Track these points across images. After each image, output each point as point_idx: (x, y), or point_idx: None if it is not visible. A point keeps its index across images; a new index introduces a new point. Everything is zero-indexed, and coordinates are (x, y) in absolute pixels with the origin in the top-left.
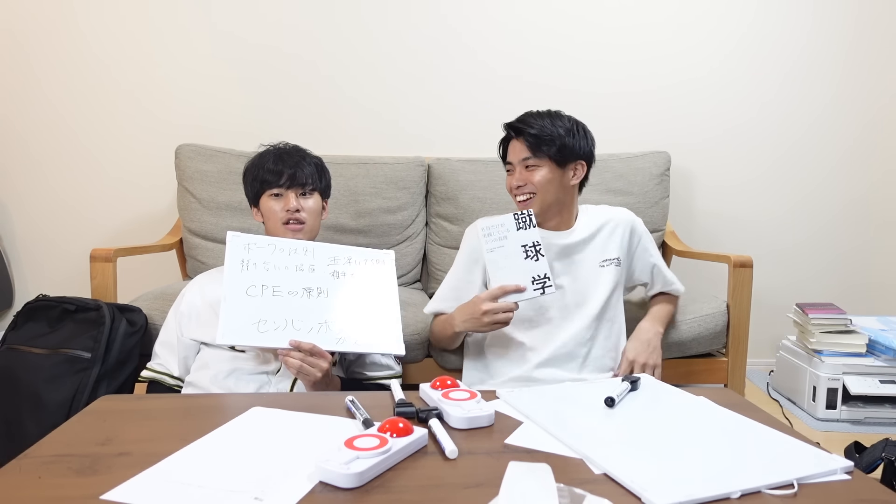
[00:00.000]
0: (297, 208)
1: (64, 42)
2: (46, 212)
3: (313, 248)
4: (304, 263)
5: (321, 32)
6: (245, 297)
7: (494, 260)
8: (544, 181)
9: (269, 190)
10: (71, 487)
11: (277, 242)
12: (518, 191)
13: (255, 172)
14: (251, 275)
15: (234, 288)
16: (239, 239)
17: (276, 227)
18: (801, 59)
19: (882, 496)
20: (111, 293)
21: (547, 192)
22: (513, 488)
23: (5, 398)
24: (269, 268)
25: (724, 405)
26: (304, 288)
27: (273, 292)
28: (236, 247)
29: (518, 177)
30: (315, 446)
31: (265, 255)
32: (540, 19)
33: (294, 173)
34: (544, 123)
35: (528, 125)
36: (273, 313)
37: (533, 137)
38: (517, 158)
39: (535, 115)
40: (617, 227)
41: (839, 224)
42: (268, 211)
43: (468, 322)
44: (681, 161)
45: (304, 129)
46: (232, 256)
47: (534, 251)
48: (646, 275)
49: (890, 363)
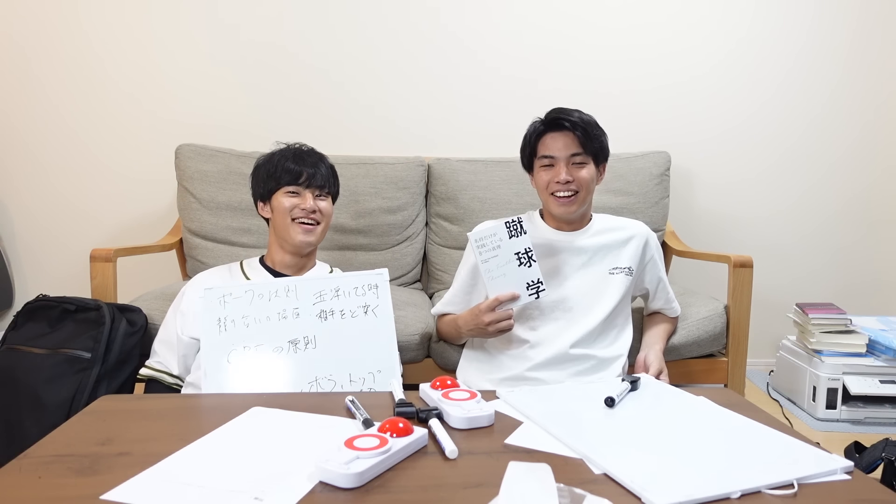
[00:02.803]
0: (314, 208)
1: (64, 42)
2: (47, 211)
3: (296, 286)
4: (288, 308)
5: (321, 33)
6: (226, 364)
7: (489, 270)
8: (590, 179)
9: (286, 187)
10: (71, 487)
11: (255, 288)
12: (564, 187)
13: (271, 169)
14: (230, 336)
15: (214, 355)
16: (213, 293)
17: (286, 223)
18: (800, 58)
19: (882, 496)
20: (111, 293)
21: (590, 191)
22: (513, 488)
23: (5, 398)
24: (250, 322)
25: (724, 405)
26: (290, 341)
27: (257, 353)
28: (211, 303)
29: (566, 172)
30: (315, 446)
31: (243, 308)
32: (540, 20)
33: (314, 173)
34: (588, 120)
35: (576, 120)
36: (258, 379)
37: (583, 132)
38: (565, 153)
39: (571, 109)
40: (633, 237)
41: (839, 223)
42: (280, 207)
43: (474, 331)
44: (681, 161)
45: (305, 129)
46: (207, 317)
47: (527, 258)
48: (652, 285)
49: (890, 363)
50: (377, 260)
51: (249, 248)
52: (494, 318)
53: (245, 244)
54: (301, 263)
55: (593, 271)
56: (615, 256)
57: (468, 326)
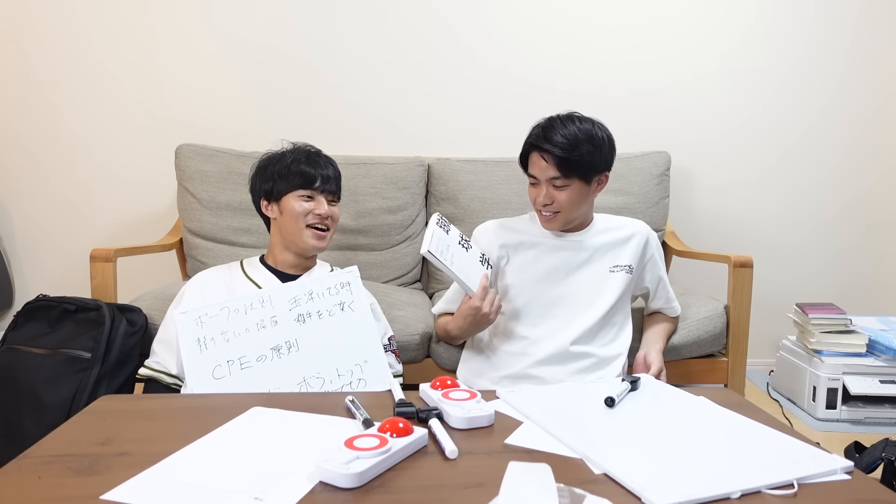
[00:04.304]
0: (328, 215)
1: (64, 42)
2: (46, 211)
3: (269, 296)
4: (265, 317)
5: (321, 33)
6: (212, 381)
7: (460, 269)
8: (570, 200)
9: (300, 191)
10: (71, 487)
11: (230, 304)
12: (544, 208)
13: (283, 170)
14: (212, 354)
15: (199, 374)
16: (188, 316)
17: (299, 228)
18: (800, 59)
19: (882, 496)
20: (111, 293)
21: (572, 210)
22: (513, 488)
23: (5, 398)
24: (230, 337)
25: (724, 405)
26: (273, 348)
27: (241, 366)
28: (188, 326)
29: (545, 194)
30: (315, 446)
31: (221, 325)
32: (540, 20)
33: (328, 178)
34: (572, 140)
35: (555, 144)
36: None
37: (561, 157)
38: (544, 176)
39: (560, 125)
40: (633, 236)
41: (839, 223)
42: (292, 211)
43: (474, 325)
44: (681, 161)
45: (305, 129)
46: (186, 339)
47: (465, 241)
48: (652, 284)
49: (890, 363)
50: (377, 260)
51: (249, 248)
52: (490, 301)
53: (245, 244)
54: (305, 264)
55: (594, 269)
56: (616, 254)
57: (465, 324)
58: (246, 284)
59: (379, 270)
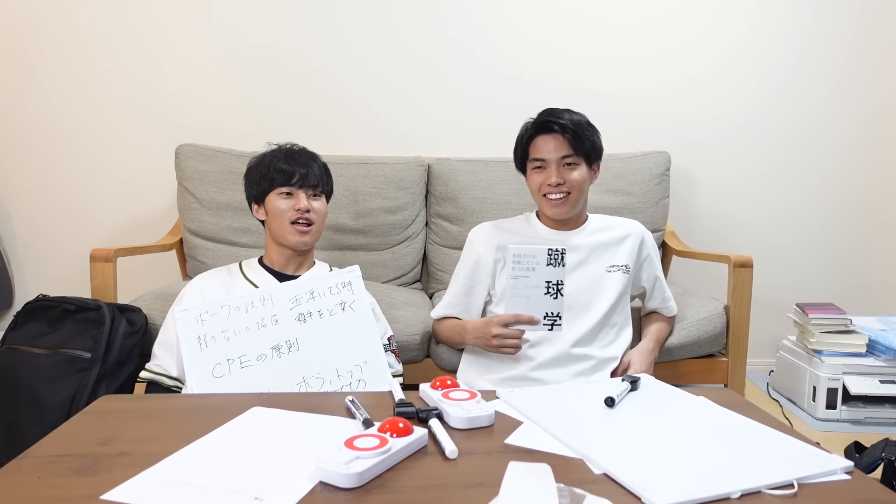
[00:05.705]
0: (307, 208)
1: (64, 42)
2: (46, 211)
3: (270, 294)
4: (266, 316)
5: (321, 33)
6: (212, 379)
7: (516, 287)
8: (581, 180)
9: (279, 188)
10: (71, 487)
11: (231, 302)
12: (555, 189)
13: (263, 170)
14: (212, 352)
15: (199, 372)
16: (189, 314)
17: (283, 226)
18: (800, 58)
19: (882, 496)
20: (111, 293)
21: (582, 191)
22: (513, 488)
23: (5, 398)
24: (230, 336)
25: (724, 405)
26: (273, 347)
27: (241, 364)
28: (188, 323)
29: (557, 174)
30: (315, 446)
31: (221, 323)
32: (540, 19)
33: (306, 173)
34: (577, 122)
35: (566, 122)
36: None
37: (573, 134)
38: (555, 155)
39: (561, 110)
40: (629, 235)
41: (839, 223)
42: (275, 209)
43: (478, 339)
44: (681, 161)
45: (305, 129)
46: (187, 337)
47: (555, 289)
48: (649, 283)
49: (890, 363)
50: (377, 260)
51: (249, 248)
52: (503, 334)
53: (245, 244)
54: (299, 262)
55: (590, 269)
56: (612, 254)
57: (475, 334)
58: (245, 286)
59: (379, 270)
